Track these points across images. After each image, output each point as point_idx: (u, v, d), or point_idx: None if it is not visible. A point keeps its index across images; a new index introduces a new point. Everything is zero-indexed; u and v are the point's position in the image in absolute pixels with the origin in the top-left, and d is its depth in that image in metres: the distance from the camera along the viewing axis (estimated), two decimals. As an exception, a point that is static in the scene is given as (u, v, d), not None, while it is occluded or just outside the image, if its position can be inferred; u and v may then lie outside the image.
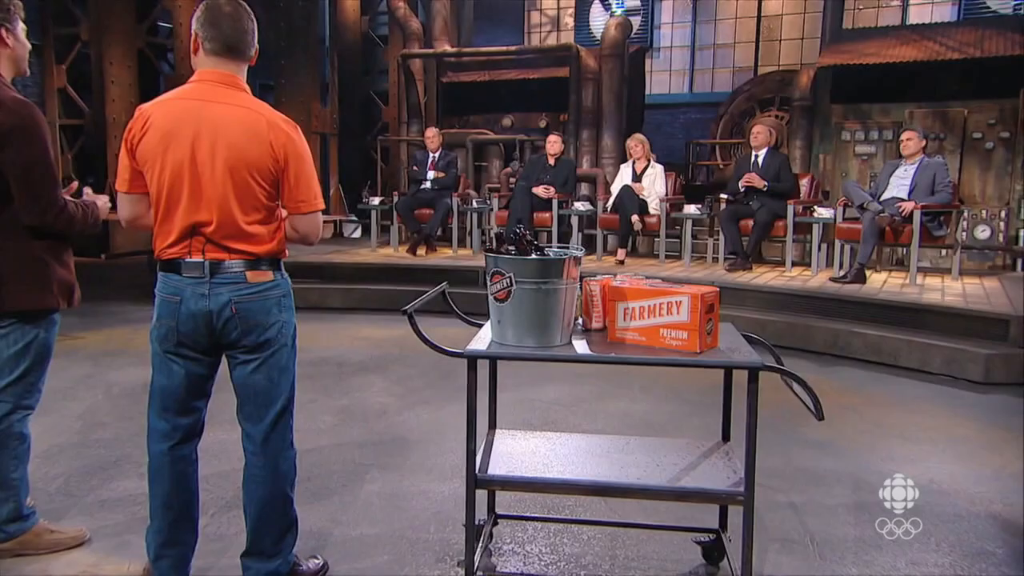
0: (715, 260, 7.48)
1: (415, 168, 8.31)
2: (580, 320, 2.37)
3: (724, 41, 15.77)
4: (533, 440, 2.55)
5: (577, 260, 2.18)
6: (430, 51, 10.78)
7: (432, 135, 8.30)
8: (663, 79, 16.03)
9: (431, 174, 8.17)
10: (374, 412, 4.16)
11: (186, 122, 2.10)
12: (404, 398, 4.41)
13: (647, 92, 12.98)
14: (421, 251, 7.93)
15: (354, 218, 11.32)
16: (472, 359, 2.13)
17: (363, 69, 13.46)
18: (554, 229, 7.60)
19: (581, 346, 2.17)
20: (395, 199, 8.24)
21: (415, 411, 4.18)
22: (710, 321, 2.13)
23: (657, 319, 2.15)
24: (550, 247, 2.28)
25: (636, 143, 7.61)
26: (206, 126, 2.09)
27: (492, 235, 7.92)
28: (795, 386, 2.22)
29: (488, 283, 2.18)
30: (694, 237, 7.62)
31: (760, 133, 7.19)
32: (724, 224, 7.05)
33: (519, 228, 2.24)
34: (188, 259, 2.15)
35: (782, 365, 2.22)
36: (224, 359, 2.29)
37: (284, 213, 2.29)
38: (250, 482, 2.28)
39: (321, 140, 11.59)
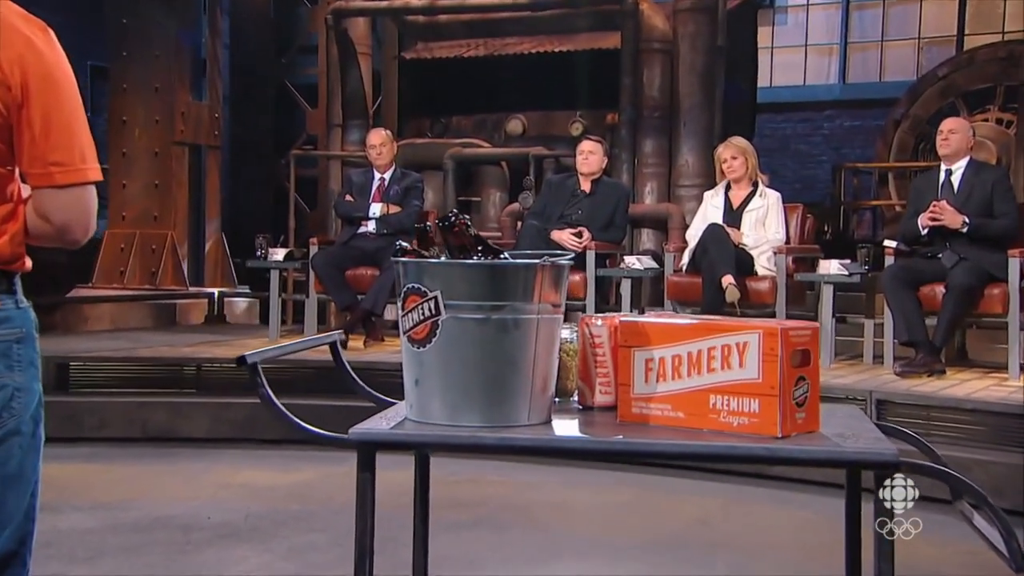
0: (878, 358, 7.41)
1: (350, 198, 8.34)
2: (576, 393, 2.41)
3: (902, -5, 16.02)
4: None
5: (559, 272, 2.19)
6: (383, 3, 10.99)
7: (379, 142, 8.40)
8: (792, 60, 16.30)
9: (376, 208, 8.20)
10: (236, 606, 4.08)
11: None
12: (295, 583, 4.38)
13: (762, 82, 13.12)
14: (357, 341, 7.88)
15: (244, 289, 11.33)
16: (365, 449, 2.12)
17: (275, 45, 13.77)
18: (589, 300, 7.56)
19: (565, 427, 2.17)
20: (312, 251, 8.23)
21: (310, 603, 4.12)
22: (802, 382, 2.10)
23: (704, 378, 2.13)
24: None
25: (733, 153, 7.64)
26: None
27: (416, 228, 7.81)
28: (976, 517, 2.20)
29: (400, 312, 2.20)
30: (839, 319, 7.54)
31: (956, 131, 7.22)
32: (891, 293, 6.96)
33: (455, 214, 2.21)
34: None
35: (947, 468, 2.11)
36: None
37: (26, 190, 2.22)
38: None
39: (192, 156, 11.76)
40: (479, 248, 2.19)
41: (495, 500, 5.28)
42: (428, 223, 2.25)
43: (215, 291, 10.87)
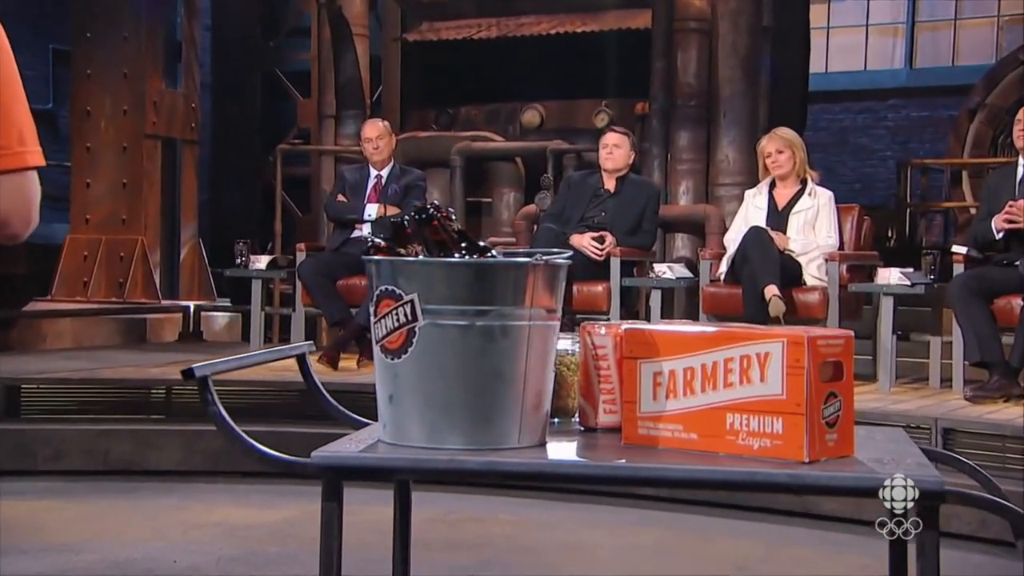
0: (945, 382, 7.39)
1: (342, 198, 8.35)
2: (577, 413, 2.43)
3: (976, -32, 15.99)
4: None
5: (554, 272, 2.20)
6: (384, -21, 11.03)
7: (376, 135, 8.41)
8: (851, 42, 16.28)
9: (372, 209, 8.21)
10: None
11: None
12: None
13: (815, 67, 13.08)
14: (350, 360, 7.89)
15: (224, 302, 11.33)
16: (330, 475, 2.12)
17: (261, 27, 13.79)
18: (614, 313, 7.54)
19: (561, 449, 2.18)
20: (299, 258, 8.24)
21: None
22: (833, 399, 2.10)
23: (720, 394, 2.13)
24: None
25: (778, 146, 7.62)
26: None
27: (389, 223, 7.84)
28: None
29: (371, 318, 2.22)
30: (901, 336, 7.52)
31: (1034, 122, 7.16)
32: (961, 306, 6.92)
33: (435, 206, 2.21)
34: None
35: (1005, 500, 2.10)
36: None
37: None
38: None
39: (166, 151, 11.78)
40: (462, 245, 2.18)
41: (501, 541, 5.25)
42: (405, 217, 2.24)
43: (191, 304, 10.85)
